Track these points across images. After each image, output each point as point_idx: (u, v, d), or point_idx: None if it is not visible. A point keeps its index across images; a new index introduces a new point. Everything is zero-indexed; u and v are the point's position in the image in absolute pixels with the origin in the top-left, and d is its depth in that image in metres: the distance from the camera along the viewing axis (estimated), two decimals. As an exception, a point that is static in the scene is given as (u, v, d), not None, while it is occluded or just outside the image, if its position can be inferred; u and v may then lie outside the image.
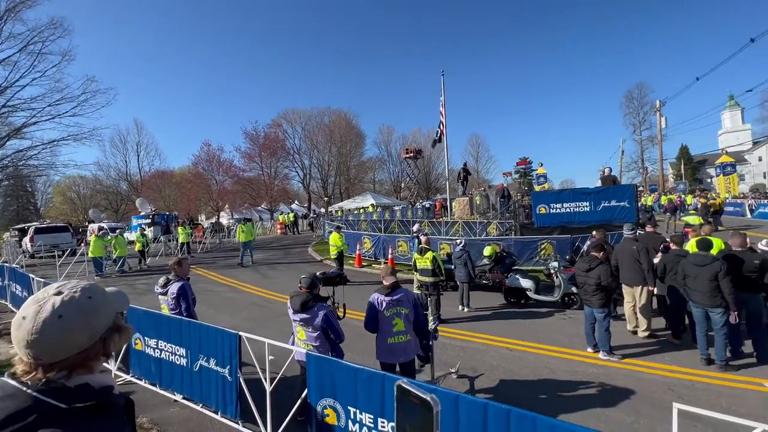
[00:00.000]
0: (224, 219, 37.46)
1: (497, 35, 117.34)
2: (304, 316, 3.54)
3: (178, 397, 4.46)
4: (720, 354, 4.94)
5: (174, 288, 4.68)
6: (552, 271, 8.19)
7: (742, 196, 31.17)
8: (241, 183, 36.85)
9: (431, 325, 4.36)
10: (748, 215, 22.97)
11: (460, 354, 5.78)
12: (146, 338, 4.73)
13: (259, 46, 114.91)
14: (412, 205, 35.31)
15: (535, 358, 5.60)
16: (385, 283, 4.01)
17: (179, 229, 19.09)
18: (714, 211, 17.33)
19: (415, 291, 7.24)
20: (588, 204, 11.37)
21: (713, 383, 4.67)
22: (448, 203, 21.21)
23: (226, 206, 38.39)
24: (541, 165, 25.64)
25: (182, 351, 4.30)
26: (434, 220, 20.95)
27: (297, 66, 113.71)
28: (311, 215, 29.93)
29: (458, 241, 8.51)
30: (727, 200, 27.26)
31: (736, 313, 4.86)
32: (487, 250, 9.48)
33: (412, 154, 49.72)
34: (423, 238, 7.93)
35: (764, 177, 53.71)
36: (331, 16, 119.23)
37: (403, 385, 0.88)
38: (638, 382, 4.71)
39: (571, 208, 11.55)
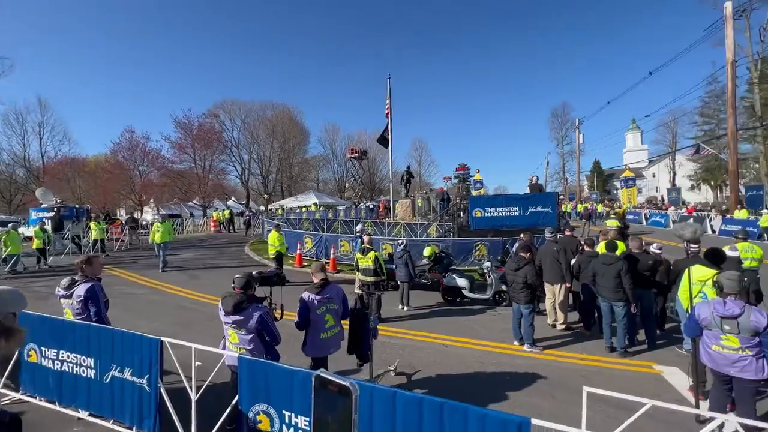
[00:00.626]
0: (149, 214, 33.95)
1: (441, 47, 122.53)
2: (237, 318, 3.33)
3: (83, 414, 3.91)
4: (620, 342, 5.66)
5: (81, 290, 4.10)
6: (485, 271, 8.73)
7: (639, 206, 36.23)
8: (170, 176, 33.68)
9: (371, 324, 4.38)
10: (644, 222, 26.76)
11: (399, 352, 5.89)
12: (43, 349, 4.08)
13: (199, 32, 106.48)
14: (356, 206, 35.31)
15: (468, 352, 5.91)
16: (315, 280, 4.12)
17: (92, 224, 16.86)
18: (619, 217, 19.91)
19: (357, 291, 7.23)
20: (518, 209, 12.34)
21: (615, 368, 5.34)
22: (391, 205, 21.58)
23: (151, 200, 34.86)
24: (478, 171, 27.37)
25: (90, 361, 3.78)
26: (378, 220, 21.17)
27: (238, 55, 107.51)
28: (247, 213, 27.93)
29: (400, 241, 8.68)
30: (629, 209, 31.49)
31: (634, 304, 5.62)
32: (426, 251, 9.81)
33: (357, 155, 49.69)
34: (366, 238, 7.95)
35: (656, 191, 62.92)
36: (278, 13, 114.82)
37: (322, 375, 0.85)
38: (556, 371, 5.21)
39: (503, 213, 12.44)
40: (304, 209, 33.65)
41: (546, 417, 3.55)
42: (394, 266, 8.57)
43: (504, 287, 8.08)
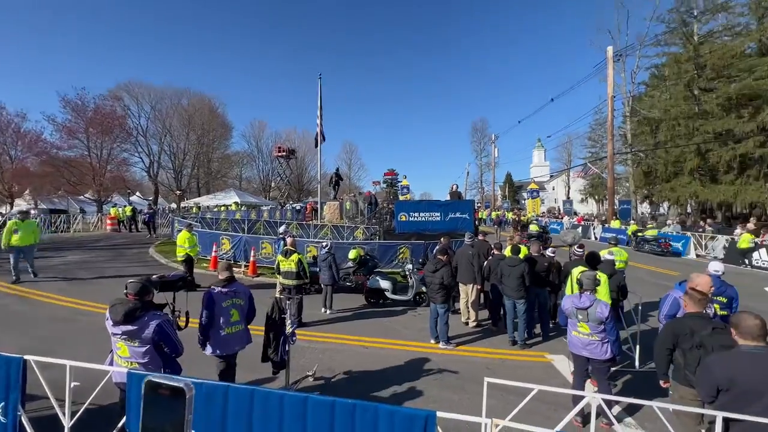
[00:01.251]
0: (24, 207, 28.21)
1: (373, 54, 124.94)
2: (129, 328, 2.93)
3: None
4: (521, 335, 6.32)
5: None
6: (407, 273, 9.05)
7: (541, 215, 41.24)
8: (53, 164, 28.45)
9: (288, 329, 4.23)
10: (544, 230, 30.51)
11: (319, 356, 5.78)
12: None
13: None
14: (282, 206, 33.92)
15: (388, 353, 6.04)
16: (221, 277, 4.05)
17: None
18: (523, 225, 22.40)
19: (277, 295, 6.92)
20: (439, 214, 13.08)
21: (516, 359, 5.95)
22: (319, 206, 21.20)
23: (27, 192, 29.10)
24: (405, 177, 28.45)
25: None
26: (304, 222, 20.61)
27: (149, 34, 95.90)
28: (145, 210, 23.77)
29: (324, 243, 8.56)
30: (533, 217, 35.61)
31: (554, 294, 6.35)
32: (352, 253, 9.83)
33: (284, 153, 47.76)
34: (289, 240, 7.68)
35: (555, 202, 72.20)
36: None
37: (153, 379, 0.80)
38: (467, 365, 5.61)
39: (426, 217, 13.07)
40: (223, 208, 31.19)
41: (455, 409, 3.78)
42: (318, 269, 8.41)
43: (424, 288, 8.47)
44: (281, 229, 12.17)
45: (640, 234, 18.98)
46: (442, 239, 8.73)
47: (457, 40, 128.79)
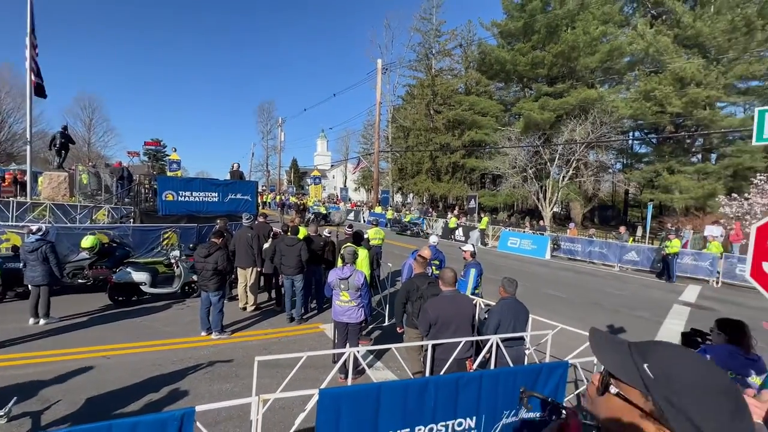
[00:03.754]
0: None
1: None
2: None
3: None
4: (298, 311, 6.66)
5: None
6: (173, 261, 7.75)
7: (323, 200, 44.88)
8: None
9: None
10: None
11: (25, 386, 4.10)
12: None
13: None
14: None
15: (140, 358, 4.99)
16: None
17: None
18: (304, 208, 23.71)
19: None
20: (217, 195, 11.82)
21: (292, 334, 6.21)
22: (29, 177, 14.79)
23: None
24: (175, 150, 23.89)
25: None
26: (2, 198, 13.91)
27: None
28: None
29: (35, 228, 6.07)
30: (315, 202, 38.15)
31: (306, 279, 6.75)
32: (87, 241, 7.45)
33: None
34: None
35: (335, 189, 79.97)
36: None
37: None
38: (243, 350, 5.39)
39: (201, 198, 11.54)
40: None
41: (227, 398, 3.54)
42: (21, 264, 5.90)
43: (195, 277, 7.51)
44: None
45: (403, 218, 23.67)
46: (218, 221, 7.95)
47: (250, 20, 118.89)
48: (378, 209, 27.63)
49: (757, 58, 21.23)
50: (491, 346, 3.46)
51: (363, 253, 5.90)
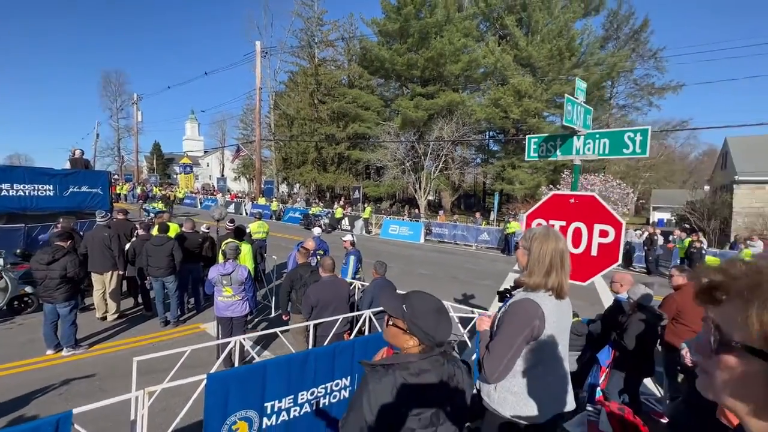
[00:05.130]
0: None
1: None
2: None
3: None
4: (173, 314, 6.26)
5: None
6: (-6, 272, 6.27)
7: (196, 191, 40.08)
8: None
9: None
10: (199, 206, 30.02)
11: None
12: None
13: None
14: None
15: (-40, 391, 4.09)
16: None
17: None
18: (173, 200, 21.11)
19: None
20: (53, 188, 9.71)
21: (170, 338, 5.86)
22: None
23: None
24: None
25: None
26: None
27: None
28: None
29: None
30: (187, 194, 33.94)
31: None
32: None
33: None
34: None
35: (210, 178, 72.12)
36: None
37: None
38: (107, 363, 4.89)
39: (29, 192, 9.32)
40: None
41: (91, 416, 3.36)
42: None
43: (29, 288, 6.26)
44: None
45: (308, 211, 22.89)
46: (61, 220, 6.73)
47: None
48: (261, 200, 26.44)
49: (566, 80, 27.79)
50: (365, 319, 4.12)
51: (246, 248, 5.93)
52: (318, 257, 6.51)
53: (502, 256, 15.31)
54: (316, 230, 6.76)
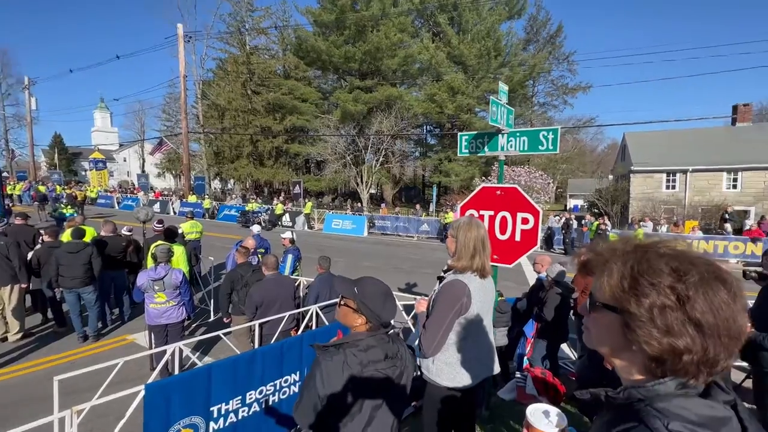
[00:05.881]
0: None
1: None
2: None
3: None
4: (93, 327, 5.64)
5: None
6: None
7: (111, 189, 35.70)
8: None
9: None
10: (117, 206, 26.89)
11: None
12: None
13: None
14: None
15: None
16: None
17: None
18: (83, 201, 18.76)
19: None
20: None
21: (91, 353, 5.29)
22: None
23: None
24: None
25: None
26: None
27: None
28: None
29: None
30: (100, 192, 30.15)
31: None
32: None
33: None
34: None
35: (128, 175, 64.73)
36: None
37: None
38: (14, 389, 4.29)
39: None
40: None
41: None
42: None
43: None
44: None
45: (244, 208, 21.44)
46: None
47: None
48: (192, 198, 24.54)
49: (494, 78, 29.76)
50: (311, 314, 4.14)
51: (179, 250, 5.54)
52: (259, 256, 6.32)
53: (442, 245, 16.14)
54: (256, 228, 6.54)
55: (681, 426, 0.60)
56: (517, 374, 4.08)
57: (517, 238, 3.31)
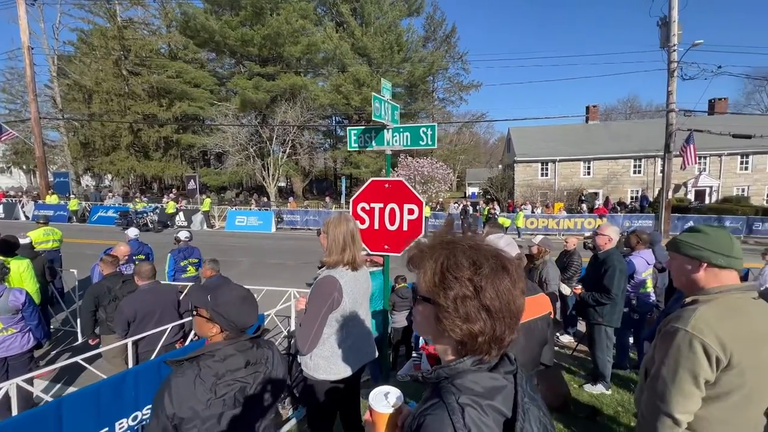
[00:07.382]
0: None
1: None
2: None
3: None
4: None
5: None
6: None
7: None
8: None
9: None
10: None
11: None
12: None
13: None
14: None
15: None
16: None
17: None
18: None
19: None
20: None
21: None
22: None
23: None
24: None
25: None
26: None
27: None
28: None
29: None
30: None
31: None
32: None
33: None
34: None
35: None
36: None
37: None
38: None
39: None
40: None
41: None
42: None
43: None
44: None
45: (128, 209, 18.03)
46: None
47: None
48: (52, 199, 20.23)
49: (397, 72, 30.85)
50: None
51: (21, 265, 4.51)
52: (135, 263, 5.53)
53: (352, 236, 16.32)
54: (132, 231, 5.68)
55: (467, 399, 0.70)
56: (414, 354, 4.39)
57: (405, 227, 3.51)
